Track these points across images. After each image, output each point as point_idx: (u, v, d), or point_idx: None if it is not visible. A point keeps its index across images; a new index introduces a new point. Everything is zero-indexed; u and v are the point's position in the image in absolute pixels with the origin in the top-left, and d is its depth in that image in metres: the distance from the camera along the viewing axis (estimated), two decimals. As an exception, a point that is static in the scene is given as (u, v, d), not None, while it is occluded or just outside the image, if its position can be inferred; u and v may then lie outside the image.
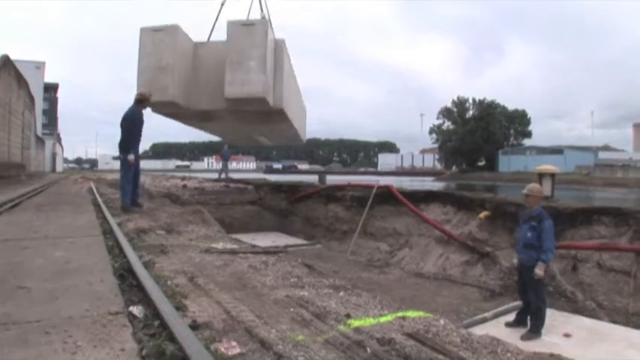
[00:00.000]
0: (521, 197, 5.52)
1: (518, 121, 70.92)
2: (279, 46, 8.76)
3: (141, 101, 7.44)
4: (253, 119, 10.59)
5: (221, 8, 10.64)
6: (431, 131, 72.16)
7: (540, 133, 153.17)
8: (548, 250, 4.91)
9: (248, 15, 10.99)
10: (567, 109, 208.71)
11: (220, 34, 9.40)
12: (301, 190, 13.96)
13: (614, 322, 5.72)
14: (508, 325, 5.29)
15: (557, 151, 64.98)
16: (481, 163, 69.75)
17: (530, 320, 5.08)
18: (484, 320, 5.54)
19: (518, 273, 5.45)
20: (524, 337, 4.82)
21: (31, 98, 26.47)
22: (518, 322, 5.23)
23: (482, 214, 8.57)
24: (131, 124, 7.34)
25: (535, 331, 4.97)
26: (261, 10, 10.81)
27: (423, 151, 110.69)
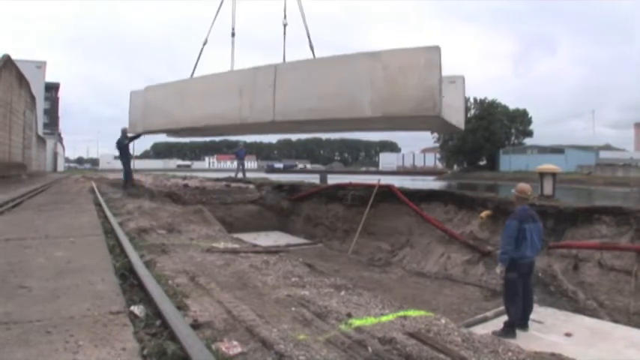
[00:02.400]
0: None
1: (519, 121, 70.79)
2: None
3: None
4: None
5: (203, 47, 12.99)
6: (432, 130, 72.08)
7: (559, 133, 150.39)
8: (500, 249, 5.18)
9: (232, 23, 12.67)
10: (592, 108, 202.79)
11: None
12: (302, 190, 13.96)
13: (615, 321, 5.72)
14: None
15: (558, 150, 64.78)
16: (482, 163, 69.62)
17: None
18: (485, 319, 5.54)
19: None
20: (496, 332, 4.56)
21: (32, 98, 26.49)
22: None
23: (484, 214, 8.56)
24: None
25: (504, 332, 4.79)
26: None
27: (425, 151, 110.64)
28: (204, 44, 12.95)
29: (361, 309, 2.82)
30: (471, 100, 68.86)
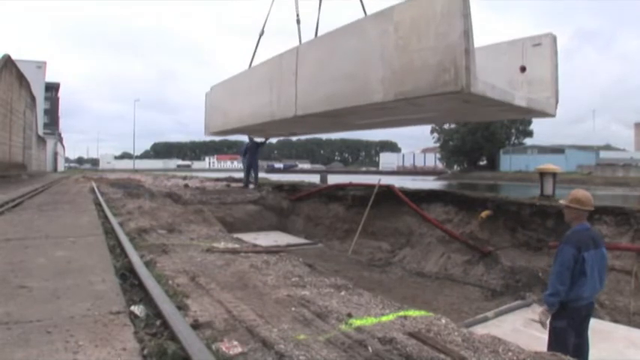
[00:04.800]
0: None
1: (520, 121, 70.82)
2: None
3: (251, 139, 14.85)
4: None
5: (260, 38, 11.87)
6: (432, 131, 72.09)
7: (571, 133, 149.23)
8: (549, 287, 3.59)
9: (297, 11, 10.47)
10: (609, 108, 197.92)
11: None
12: (302, 190, 13.96)
13: (616, 321, 5.71)
14: None
15: (558, 150, 64.83)
16: (482, 163, 69.67)
17: None
18: (485, 319, 5.53)
19: None
20: None
21: (33, 98, 26.53)
22: None
23: (484, 214, 8.55)
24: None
25: None
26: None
27: (425, 151, 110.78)
28: (261, 35, 11.81)
29: (361, 309, 2.82)
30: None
